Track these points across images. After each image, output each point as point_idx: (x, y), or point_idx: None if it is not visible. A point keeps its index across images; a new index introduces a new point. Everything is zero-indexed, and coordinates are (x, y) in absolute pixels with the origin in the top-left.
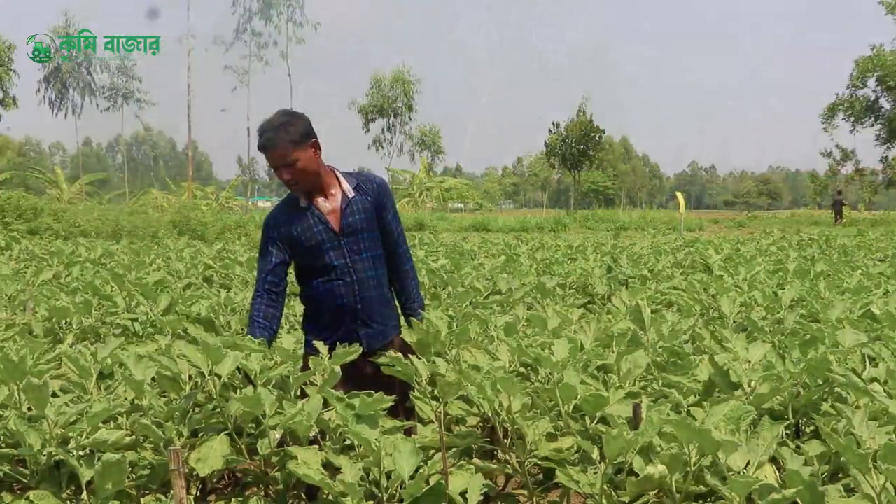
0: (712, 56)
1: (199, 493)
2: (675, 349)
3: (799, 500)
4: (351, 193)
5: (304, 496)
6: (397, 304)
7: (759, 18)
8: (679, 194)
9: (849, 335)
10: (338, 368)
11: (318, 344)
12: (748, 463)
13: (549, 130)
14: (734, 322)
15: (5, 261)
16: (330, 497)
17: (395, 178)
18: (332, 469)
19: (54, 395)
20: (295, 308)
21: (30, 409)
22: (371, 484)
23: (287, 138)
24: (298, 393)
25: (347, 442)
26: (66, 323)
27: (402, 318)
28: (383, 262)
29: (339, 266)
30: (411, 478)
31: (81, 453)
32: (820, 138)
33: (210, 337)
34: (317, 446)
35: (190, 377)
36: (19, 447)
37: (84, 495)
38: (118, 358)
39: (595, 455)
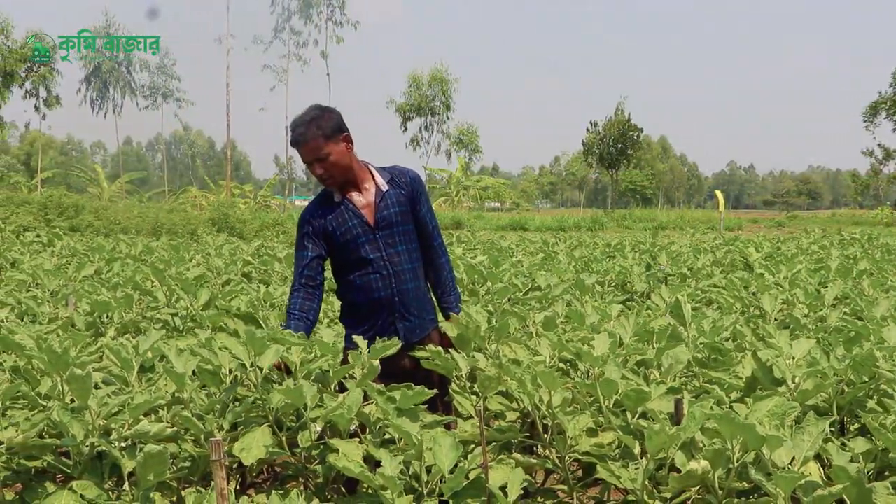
0: (752, 55)
1: (238, 487)
2: (716, 345)
3: (846, 497)
4: (385, 187)
5: (343, 489)
6: (433, 298)
7: (800, 18)
8: (718, 193)
9: (894, 332)
10: (377, 362)
11: (358, 339)
12: (793, 459)
13: (587, 129)
14: (776, 319)
15: (48, 257)
16: (370, 490)
17: (433, 177)
18: (371, 462)
19: (96, 386)
20: (334, 303)
21: (73, 400)
22: (411, 478)
23: (318, 132)
24: (338, 387)
25: (387, 436)
26: (107, 317)
27: (439, 312)
28: (419, 255)
29: (374, 260)
30: (451, 472)
31: (123, 444)
32: (862, 137)
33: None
34: (357, 439)
35: (230, 370)
36: (62, 437)
37: (126, 486)
38: (159, 351)
39: (636, 450)
